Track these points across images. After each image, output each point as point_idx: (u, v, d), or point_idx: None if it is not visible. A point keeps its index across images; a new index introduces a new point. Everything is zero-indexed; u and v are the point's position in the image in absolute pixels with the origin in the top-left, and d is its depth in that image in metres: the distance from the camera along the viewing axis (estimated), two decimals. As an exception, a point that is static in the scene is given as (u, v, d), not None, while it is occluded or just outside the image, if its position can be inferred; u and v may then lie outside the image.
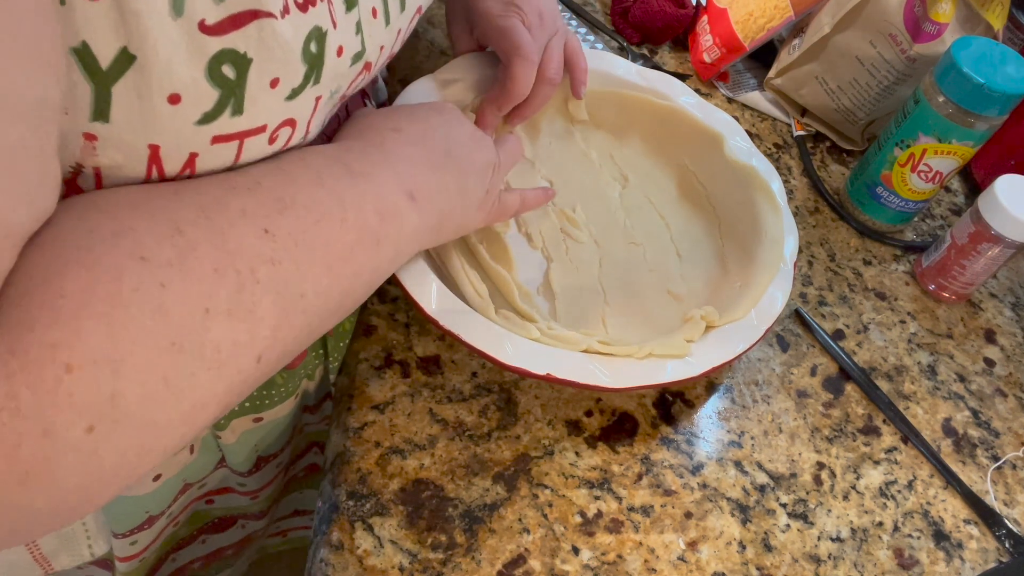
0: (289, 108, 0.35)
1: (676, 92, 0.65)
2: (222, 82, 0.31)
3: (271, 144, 0.36)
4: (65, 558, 0.56)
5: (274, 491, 0.66)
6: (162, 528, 0.58)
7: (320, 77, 0.36)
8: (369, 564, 0.44)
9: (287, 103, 0.35)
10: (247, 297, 0.32)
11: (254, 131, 0.34)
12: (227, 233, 0.32)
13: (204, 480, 0.59)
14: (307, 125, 0.38)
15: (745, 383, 0.58)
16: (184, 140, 0.32)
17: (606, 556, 0.47)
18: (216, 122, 0.32)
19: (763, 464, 0.54)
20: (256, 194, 0.34)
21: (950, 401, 0.61)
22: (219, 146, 0.34)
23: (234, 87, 0.32)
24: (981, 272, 0.64)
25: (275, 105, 0.34)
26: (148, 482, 0.51)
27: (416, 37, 0.72)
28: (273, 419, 0.55)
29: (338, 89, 0.39)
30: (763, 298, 0.55)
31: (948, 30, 0.67)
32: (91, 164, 0.32)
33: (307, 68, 0.34)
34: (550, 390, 0.54)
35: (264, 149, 0.36)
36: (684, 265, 0.61)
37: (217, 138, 0.33)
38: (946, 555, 0.53)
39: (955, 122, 0.61)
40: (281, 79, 0.34)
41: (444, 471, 0.49)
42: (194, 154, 0.33)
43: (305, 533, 0.80)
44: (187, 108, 0.31)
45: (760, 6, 0.73)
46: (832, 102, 0.74)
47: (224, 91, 0.32)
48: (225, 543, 0.70)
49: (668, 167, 0.66)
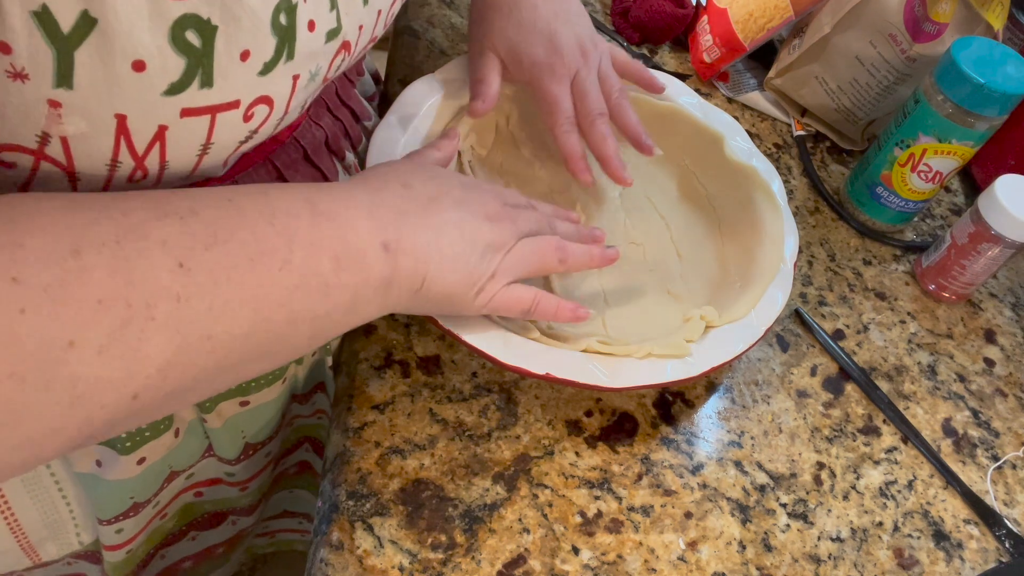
0: (263, 84, 0.35)
1: (676, 92, 0.65)
2: (187, 50, 0.31)
3: (247, 122, 0.35)
4: (52, 547, 0.56)
5: (263, 483, 0.66)
6: (149, 518, 0.58)
7: (293, 52, 0.35)
8: (369, 564, 0.44)
9: (261, 79, 0.34)
10: (132, 333, 0.30)
11: (226, 106, 0.34)
12: (133, 263, 0.30)
13: (191, 469, 0.59)
14: (286, 105, 0.37)
15: (745, 383, 0.58)
16: (151, 111, 0.32)
17: (606, 556, 0.48)
18: (184, 93, 0.32)
19: (763, 464, 0.54)
20: (188, 224, 0.32)
21: (950, 401, 0.61)
22: (190, 120, 0.33)
23: (201, 56, 0.31)
24: (981, 272, 0.64)
25: (247, 79, 0.34)
26: (132, 465, 0.51)
27: (416, 37, 0.72)
28: (260, 403, 0.55)
29: (318, 70, 0.38)
30: (763, 298, 0.55)
31: (948, 30, 0.67)
32: (57, 133, 0.31)
33: (277, 41, 0.34)
34: (550, 390, 0.54)
35: (239, 126, 0.35)
36: (684, 265, 0.61)
37: (187, 111, 0.32)
38: (946, 555, 0.53)
39: (955, 122, 0.61)
40: (252, 51, 0.33)
41: (444, 471, 0.49)
42: (163, 127, 0.32)
43: (293, 536, 0.80)
44: (153, 76, 0.31)
45: (760, 6, 0.73)
46: (832, 102, 0.74)
47: (191, 60, 0.31)
48: (216, 540, 0.70)
49: (668, 167, 0.66)
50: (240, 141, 0.37)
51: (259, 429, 0.58)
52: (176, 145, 0.34)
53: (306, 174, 0.50)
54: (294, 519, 0.78)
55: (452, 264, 0.42)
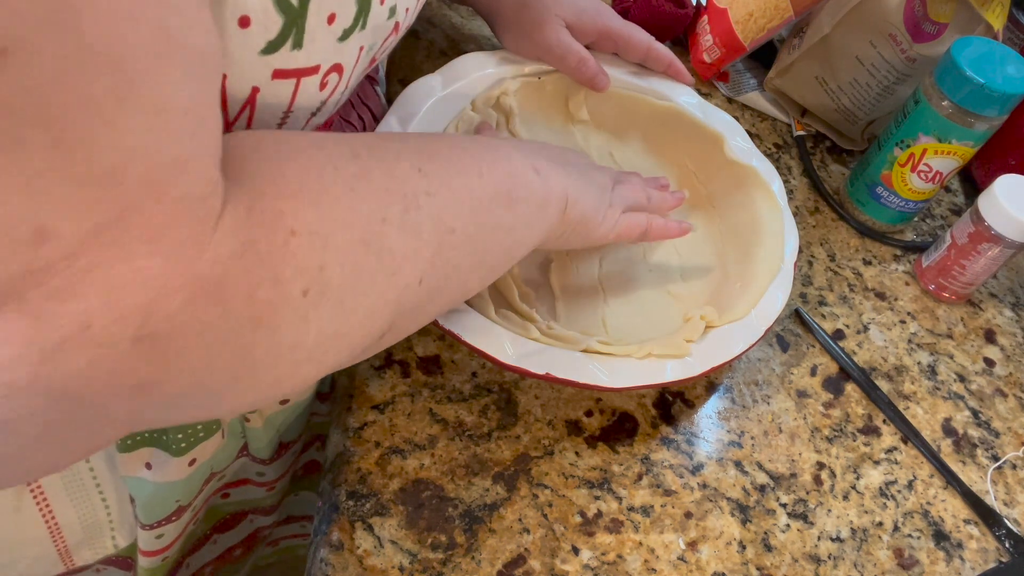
0: (339, 51, 0.37)
1: (677, 92, 0.65)
2: (287, 8, 0.32)
3: (321, 90, 0.37)
4: (87, 552, 0.55)
5: (286, 483, 0.66)
6: (187, 523, 0.57)
7: (366, 23, 0.37)
8: (369, 564, 0.44)
9: (338, 44, 0.36)
10: (412, 217, 0.35)
11: (309, 70, 0.36)
12: (391, 164, 0.35)
13: (224, 471, 0.58)
14: (350, 75, 0.39)
15: (745, 383, 0.58)
16: (248, 70, 0.33)
17: (606, 556, 0.48)
18: (278, 53, 0.34)
19: (763, 464, 0.54)
20: (406, 142, 0.38)
21: (950, 401, 0.61)
22: (279, 83, 0.35)
23: (296, 16, 0.33)
24: (981, 272, 0.64)
25: (329, 44, 0.36)
26: (183, 467, 0.51)
27: (416, 37, 0.72)
28: (297, 401, 0.55)
29: (374, 45, 0.40)
30: (763, 298, 0.55)
31: (948, 30, 0.67)
32: None
33: (358, 8, 0.36)
34: (550, 390, 0.54)
35: (315, 94, 0.37)
36: (684, 265, 0.61)
37: (277, 72, 0.34)
38: (946, 555, 0.53)
39: (955, 122, 0.61)
40: (337, 15, 0.35)
41: (444, 471, 0.49)
42: (256, 88, 0.34)
43: (294, 541, 0.79)
44: (254, 34, 0.32)
45: (760, 6, 0.73)
46: (832, 102, 0.74)
47: (288, 19, 0.33)
48: (234, 541, 0.69)
49: (668, 167, 0.66)
50: (312, 112, 0.39)
51: (291, 426, 0.58)
52: (263, 111, 0.36)
53: None
54: (295, 524, 0.77)
55: (584, 190, 0.48)
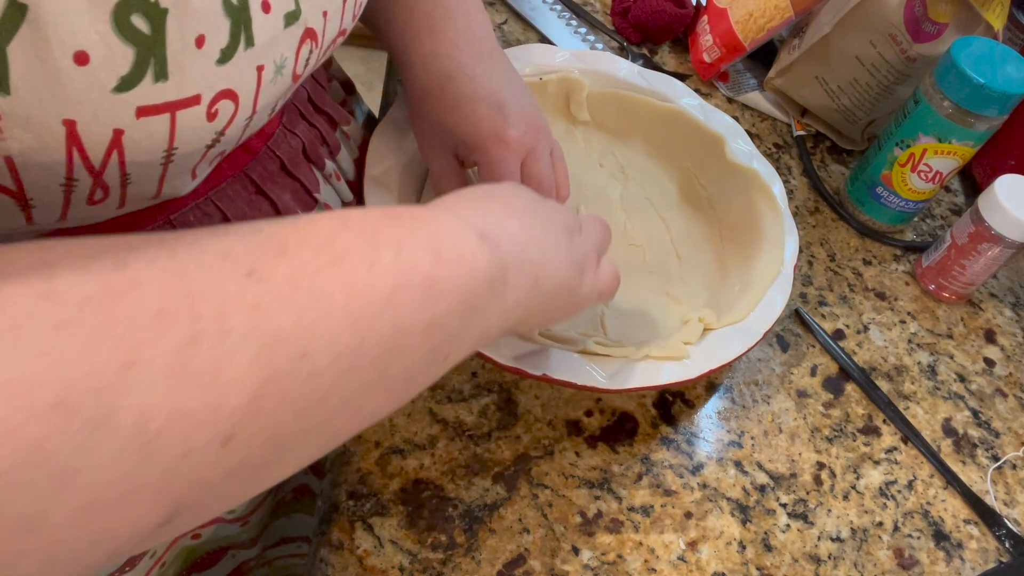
0: (225, 76, 0.31)
1: (678, 94, 0.66)
2: (135, 37, 0.27)
3: (211, 120, 0.32)
4: None
5: (263, 515, 0.62)
6: (148, 569, 0.53)
7: (252, 38, 0.32)
8: (369, 564, 0.45)
9: (220, 69, 0.31)
10: (207, 351, 0.22)
11: (186, 102, 0.30)
12: (191, 275, 0.23)
13: None
14: (253, 102, 0.34)
15: (745, 383, 0.58)
16: (103, 112, 0.28)
17: (606, 556, 0.48)
18: (138, 88, 0.28)
19: (763, 464, 0.54)
20: (249, 237, 0.26)
21: (950, 401, 0.61)
22: (148, 120, 0.29)
23: (151, 44, 0.28)
24: (981, 272, 0.64)
25: (206, 70, 0.30)
26: None
27: (417, 38, 0.72)
28: None
29: (283, 62, 0.35)
30: (762, 301, 0.55)
31: (948, 30, 0.67)
32: (0, 152, 0.28)
33: (232, 23, 0.31)
34: (550, 390, 0.54)
35: (204, 127, 0.31)
36: (683, 267, 0.61)
37: (143, 109, 0.29)
38: (946, 555, 0.53)
39: (955, 122, 0.61)
40: (207, 36, 0.30)
41: (444, 471, 0.49)
42: (119, 131, 0.29)
43: (292, 562, 0.78)
44: (99, 70, 0.27)
45: (760, 6, 0.73)
46: (832, 102, 0.74)
47: (140, 49, 0.28)
48: None
49: (669, 169, 0.66)
50: (207, 145, 0.34)
51: None
52: (136, 152, 0.30)
53: (285, 186, 0.47)
54: (292, 544, 0.73)
55: (554, 248, 0.36)
